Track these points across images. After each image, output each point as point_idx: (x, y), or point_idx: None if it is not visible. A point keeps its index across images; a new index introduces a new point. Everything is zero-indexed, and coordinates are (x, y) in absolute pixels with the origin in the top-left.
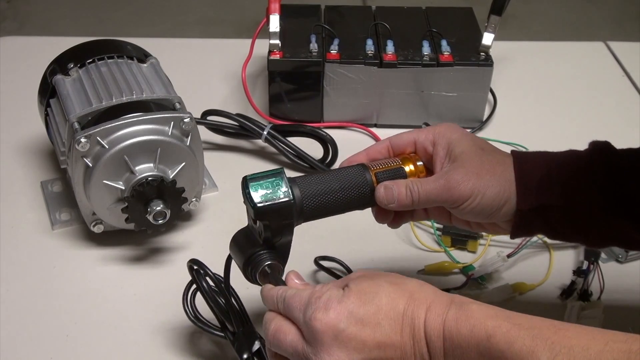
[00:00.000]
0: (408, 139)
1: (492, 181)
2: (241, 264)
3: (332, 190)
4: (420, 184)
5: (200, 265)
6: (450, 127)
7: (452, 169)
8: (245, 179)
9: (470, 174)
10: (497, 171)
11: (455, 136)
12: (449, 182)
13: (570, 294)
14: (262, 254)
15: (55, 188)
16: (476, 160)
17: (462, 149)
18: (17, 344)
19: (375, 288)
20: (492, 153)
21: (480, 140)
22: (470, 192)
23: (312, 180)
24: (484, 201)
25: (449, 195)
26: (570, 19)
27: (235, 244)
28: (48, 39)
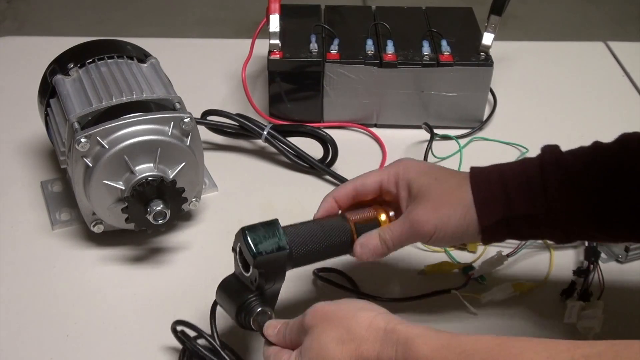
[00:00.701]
0: (372, 186)
1: (451, 211)
2: (233, 311)
3: (317, 239)
4: (390, 231)
5: (184, 325)
6: (408, 165)
7: (413, 209)
8: (244, 230)
9: (430, 210)
10: (455, 199)
11: (413, 174)
12: (412, 223)
13: (570, 294)
14: (254, 300)
15: (55, 188)
16: (433, 195)
17: (419, 186)
18: (17, 344)
19: (321, 352)
20: (448, 181)
21: (435, 170)
22: (434, 229)
23: (299, 229)
24: (449, 231)
25: (415, 235)
26: (570, 19)
27: (223, 291)
28: (48, 39)
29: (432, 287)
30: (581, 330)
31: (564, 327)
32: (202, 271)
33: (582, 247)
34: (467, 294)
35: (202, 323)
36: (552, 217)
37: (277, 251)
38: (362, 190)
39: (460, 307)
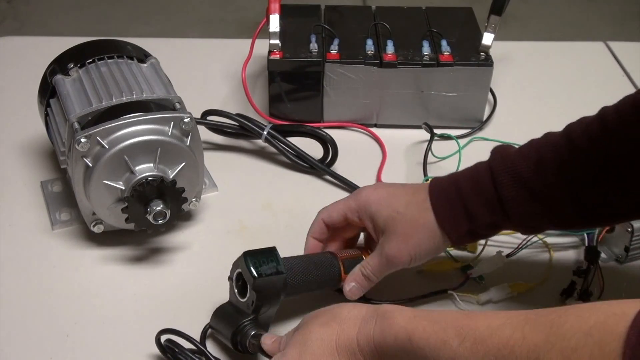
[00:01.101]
0: (338, 218)
1: (420, 239)
2: (229, 334)
3: (309, 271)
4: (369, 266)
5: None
6: (368, 199)
7: (385, 244)
8: (245, 254)
9: (401, 244)
10: (421, 227)
11: (374, 208)
12: (387, 258)
13: (570, 294)
14: (249, 324)
15: (55, 188)
16: (400, 228)
17: (383, 221)
18: (17, 344)
19: (307, 336)
20: (409, 210)
21: (394, 201)
22: (409, 259)
23: (293, 262)
24: (423, 255)
25: (392, 267)
26: (570, 19)
27: (219, 317)
28: (48, 39)
29: (430, 287)
30: None
31: None
32: (202, 271)
33: (582, 247)
34: (465, 294)
35: (202, 323)
36: (512, 219)
37: (275, 275)
38: (329, 222)
39: (459, 308)
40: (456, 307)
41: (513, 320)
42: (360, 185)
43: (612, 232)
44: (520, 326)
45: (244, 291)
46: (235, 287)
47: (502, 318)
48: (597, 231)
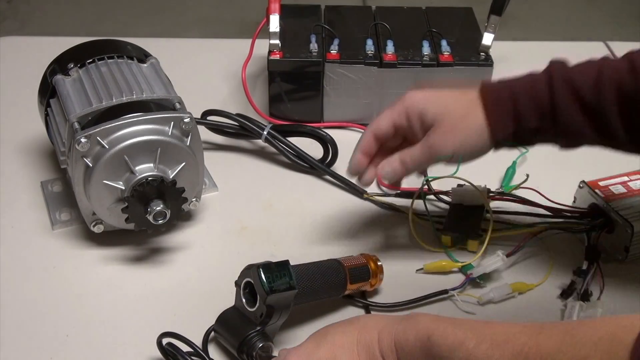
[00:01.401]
0: (387, 127)
1: (467, 134)
2: (236, 344)
3: (316, 279)
4: (410, 155)
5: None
6: (416, 99)
7: (431, 134)
8: (258, 267)
9: (447, 135)
10: (469, 123)
11: (422, 105)
12: (430, 148)
13: (570, 294)
14: (256, 335)
15: (55, 188)
16: (448, 122)
17: (433, 115)
18: (17, 344)
19: (327, 329)
20: (459, 106)
21: (443, 98)
22: (452, 149)
23: (300, 269)
24: (467, 149)
25: (433, 156)
26: (570, 19)
27: (224, 325)
28: (48, 39)
29: (430, 287)
30: None
31: None
32: (202, 271)
33: (582, 247)
34: (465, 294)
35: (202, 324)
36: (559, 129)
37: (287, 290)
38: (379, 133)
39: (459, 308)
40: (456, 307)
41: (529, 329)
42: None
43: (612, 232)
44: (535, 334)
45: (252, 300)
46: (243, 296)
47: (519, 326)
48: (597, 231)
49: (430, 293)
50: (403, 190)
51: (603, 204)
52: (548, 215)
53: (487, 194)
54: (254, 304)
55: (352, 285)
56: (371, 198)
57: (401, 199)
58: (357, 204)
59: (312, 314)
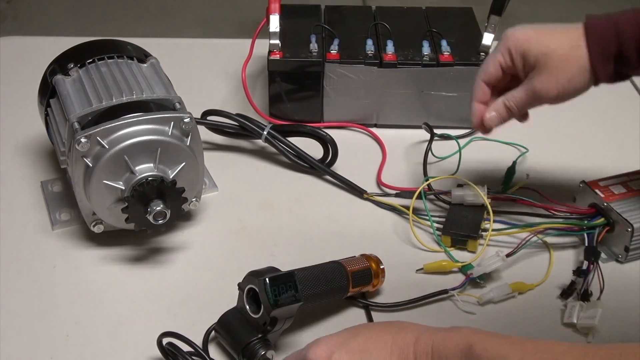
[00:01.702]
0: (495, 70)
1: (571, 74)
2: (239, 348)
3: (319, 284)
4: (514, 98)
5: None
6: (518, 39)
7: (534, 77)
8: (265, 279)
9: (551, 77)
10: (573, 63)
11: (525, 46)
12: (535, 91)
13: (570, 294)
14: (258, 343)
15: (55, 188)
16: (551, 63)
17: (535, 56)
18: (17, 344)
19: (365, 325)
20: (562, 46)
21: (546, 37)
22: (556, 92)
23: (306, 274)
24: (570, 91)
25: (538, 99)
26: (570, 19)
27: (226, 327)
28: (48, 39)
29: (430, 287)
30: (581, 330)
31: (564, 327)
32: (202, 271)
33: (582, 247)
34: (465, 294)
35: (202, 324)
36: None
37: (293, 303)
38: (488, 78)
39: (459, 308)
40: (456, 307)
41: (575, 350)
42: (361, 185)
43: (612, 232)
44: (580, 356)
45: (255, 305)
46: (247, 301)
47: (565, 346)
48: (597, 231)
49: (430, 293)
50: (403, 190)
51: (603, 204)
52: (548, 215)
53: (487, 194)
54: (257, 309)
55: (355, 289)
56: (371, 198)
57: (401, 199)
58: (357, 204)
59: (312, 316)
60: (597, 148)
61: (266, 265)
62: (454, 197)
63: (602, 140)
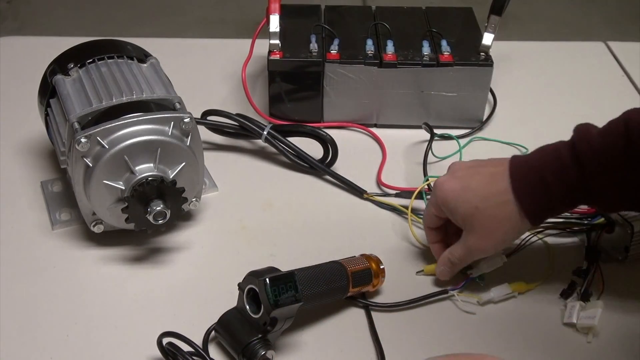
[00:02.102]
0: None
1: (504, 232)
2: (239, 349)
3: (320, 284)
4: (456, 254)
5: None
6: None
7: (467, 236)
8: (265, 280)
9: (483, 237)
10: (503, 219)
11: (452, 204)
12: (470, 250)
13: (570, 294)
14: (259, 343)
15: (55, 188)
16: (480, 225)
17: (463, 216)
18: (17, 344)
19: None
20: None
21: (471, 196)
22: (492, 249)
23: (306, 274)
24: (507, 243)
25: (476, 256)
26: (570, 19)
27: (226, 327)
28: (48, 39)
29: (430, 287)
30: (581, 330)
31: (564, 327)
32: (203, 271)
33: (582, 247)
34: (465, 294)
35: (202, 324)
36: (594, 203)
37: (293, 303)
38: (432, 226)
39: (459, 308)
40: (456, 307)
41: None
42: (361, 185)
43: (612, 232)
44: None
45: (255, 305)
46: (247, 301)
47: None
48: (597, 231)
49: (430, 293)
50: (403, 190)
51: None
52: None
53: None
54: (257, 310)
55: (355, 289)
56: (371, 198)
57: (401, 199)
58: (357, 204)
59: (312, 316)
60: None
61: (266, 265)
62: None
63: None
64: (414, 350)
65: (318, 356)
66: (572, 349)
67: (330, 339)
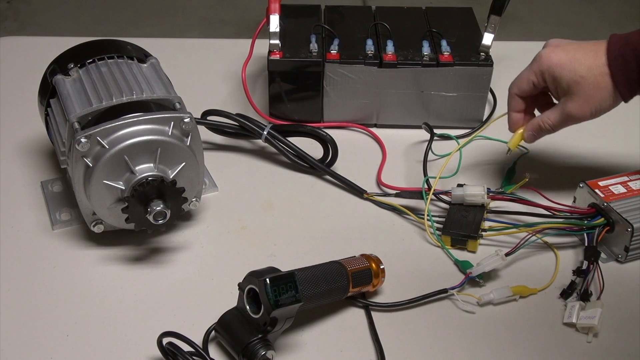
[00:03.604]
0: (528, 86)
1: (602, 100)
2: (238, 350)
3: (319, 284)
4: (549, 121)
5: (173, 338)
6: (551, 62)
7: (568, 102)
8: (265, 280)
9: (583, 104)
10: (602, 88)
11: (557, 71)
12: (569, 115)
13: (570, 294)
14: (259, 343)
15: (55, 188)
16: (583, 90)
17: (567, 82)
18: (17, 344)
19: None
20: (592, 75)
21: (577, 65)
22: (589, 115)
23: (306, 274)
24: (602, 112)
25: (571, 122)
26: (570, 19)
27: (226, 327)
28: (48, 39)
29: (430, 287)
30: (581, 330)
31: (564, 327)
32: (203, 271)
33: (582, 247)
34: (464, 294)
35: (202, 324)
36: None
37: (293, 303)
38: (521, 93)
39: (458, 307)
40: (456, 306)
41: None
42: (361, 185)
43: (612, 232)
44: None
45: (255, 305)
46: (247, 301)
47: None
48: (597, 231)
49: (429, 293)
50: (403, 190)
51: (603, 204)
52: (548, 215)
53: (487, 194)
54: (257, 310)
55: (355, 289)
56: (371, 198)
57: (401, 199)
58: (357, 204)
59: (312, 316)
60: (597, 148)
61: (266, 265)
62: (453, 197)
63: (602, 140)
64: (414, 350)
65: (318, 356)
66: (572, 349)
67: (330, 339)
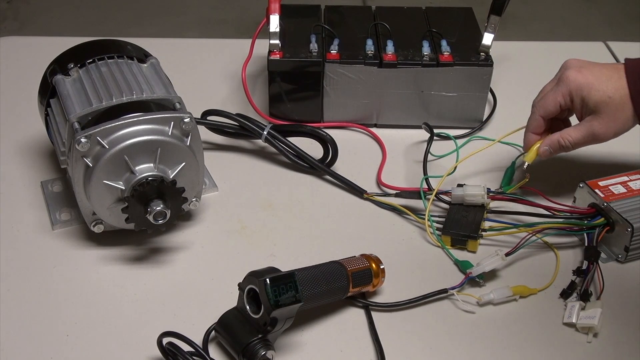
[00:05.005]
0: (554, 108)
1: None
2: (238, 350)
3: (320, 284)
4: (570, 138)
5: (173, 338)
6: (579, 82)
7: (594, 121)
8: (265, 280)
9: (609, 123)
10: (625, 113)
11: (585, 92)
12: (593, 132)
13: (570, 294)
14: (259, 343)
15: (55, 188)
16: (609, 110)
17: (595, 102)
18: (17, 344)
19: None
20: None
21: (604, 86)
22: (613, 134)
23: (306, 274)
24: (624, 132)
25: (595, 141)
26: (570, 19)
27: (227, 328)
28: (48, 39)
29: (430, 287)
30: (581, 330)
31: (564, 327)
32: (203, 271)
33: (582, 247)
34: (464, 294)
35: (202, 324)
36: None
37: (293, 303)
38: (546, 115)
39: (458, 307)
40: (456, 306)
41: None
42: (361, 185)
43: (612, 232)
44: None
45: (255, 305)
46: (247, 301)
47: None
48: (597, 231)
49: (429, 293)
50: (403, 190)
51: (603, 204)
52: (548, 215)
53: (487, 194)
54: (257, 310)
55: (355, 289)
56: (371, 198)
57: (401, 199)
58: (357, 204)
59: (312, 316)
60: (597, 148)
61: (266, 265)
62: (453, 197)
63: None
64: (414, 350)
65: (318, 356)
66: (572, 349)
67: (330, 339)
